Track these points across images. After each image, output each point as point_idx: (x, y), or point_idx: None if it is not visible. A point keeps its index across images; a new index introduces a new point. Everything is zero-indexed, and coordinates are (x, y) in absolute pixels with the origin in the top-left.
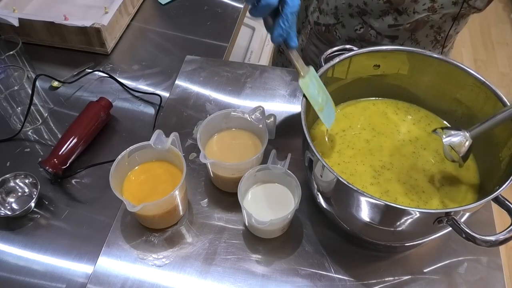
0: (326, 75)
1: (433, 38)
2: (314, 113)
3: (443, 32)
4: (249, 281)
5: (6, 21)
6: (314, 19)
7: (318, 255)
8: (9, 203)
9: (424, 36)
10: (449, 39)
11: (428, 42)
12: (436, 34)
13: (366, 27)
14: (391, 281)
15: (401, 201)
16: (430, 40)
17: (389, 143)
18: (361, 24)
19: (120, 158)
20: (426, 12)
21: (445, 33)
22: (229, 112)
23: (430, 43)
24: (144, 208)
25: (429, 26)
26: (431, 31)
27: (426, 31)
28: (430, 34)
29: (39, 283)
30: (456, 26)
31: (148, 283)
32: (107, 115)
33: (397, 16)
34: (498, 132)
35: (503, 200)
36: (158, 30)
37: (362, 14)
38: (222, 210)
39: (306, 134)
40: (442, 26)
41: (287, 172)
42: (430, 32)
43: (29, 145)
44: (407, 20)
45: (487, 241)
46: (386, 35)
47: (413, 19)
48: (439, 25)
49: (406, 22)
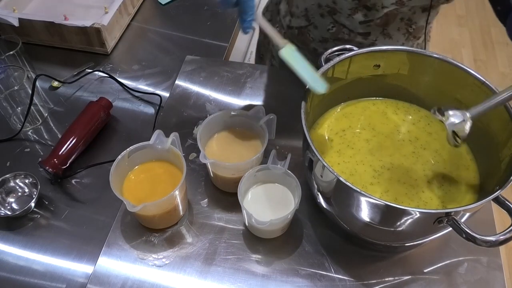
0: (326, 75)
1: (405, 31)
2: (314, 113)
3: (414, 24)
4: (249, 281)
5: (6, 21)
6: (286, 23)
7: (318, 255)
8: (9, 203)
9: (395, 29)
10: (421, 31)
11: (400, 35)
12: (407, 26)
13: (338, 26)
14: (391, 281)
15: (401, 201)
16: (403, 33)
17: (389, 143)
18: (333, 24)
19: (120, 158)
20: (394, 6)
21: (416, 25)
22: (229, 112)
23: (402, 36)
24: (144, 208)
25: (400, 18)
26: (402, 24)
27: (397, 24)
28: (402, 27)
29: (39, 283)
30: (427, 17)
31: (148, 283)
32: (107, 115)
33: (366, 12)
34: (498, 132)
35: (503, 200)
36: (158, 30)
37: (333, 14)
38: (222, 210)
39: (306, 134)
40: (413, 17)
41: (287, 172)
42: (401, 25)
43: (29, 145)
44: (377, 15)
45: (487, 241)
46: (358, 33)
47: (382, 13)
48: (409, 17)
49: (376, 17)
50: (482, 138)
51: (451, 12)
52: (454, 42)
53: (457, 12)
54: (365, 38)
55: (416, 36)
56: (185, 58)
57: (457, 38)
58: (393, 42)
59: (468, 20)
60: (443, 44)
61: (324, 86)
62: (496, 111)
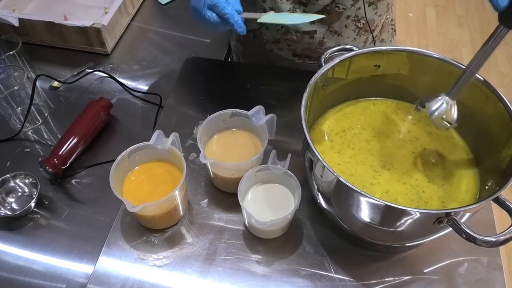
0: (326, 75)
1: (355, 27)
2: (314, 113)
3: (362, 19)
4: (249, 281)
5: (6, 21)
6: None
7: (318, 255)
8: (9, 203)
9: (343, 27)
10: (372, 24)
11: (350, 31)
12: (355, 22)
13: (285, 28)
14: (391, 281)
15: (401, 201)
16: (352, 29)
17: (389, 143)
18: (280, 26)
19: (120, 158)
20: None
21: (366, 19)
22: (229, 112)
23: (353, 32)
24: (144, 209)
25: (345, 16)
26: (348, 21)
27: (343, 21)
28: (349, 24)
29: (39, 283)
30: (375, 10)
31: (148, 283)
32: (107, 115)
33: (304, 8)
34: (498, 132)
35: (503, 200)
36: (158, 30)
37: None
38: (222, 210)
39: (306, 134)
40: (358, 13)
41: (287, 172)
42: (348, 22)
43: (29, 145)
44: (315, 9)
45: (487, 242)
46: (304, 32)
47: (321, 7)
48: (355, 13)
49: (315, 11)
50: (482, 138)
51: (451, 12)
52: (454, 42)
53: (457, 12)
54: (312, 37)
55: (368, 30)
56: (185, 58)
57: (457, 38)
58: (343, 39)
59: (468, 20)
60: (443, 44)
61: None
62: (496, 111)
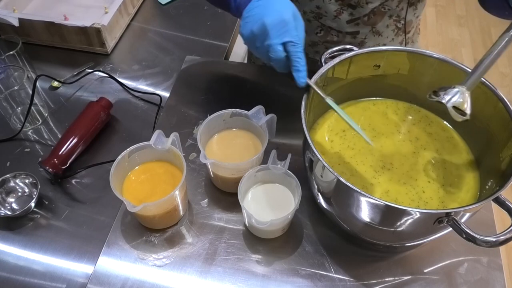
0: (326, 75)
1: (394, 27)
2: (314, 113)
3: (402, 20)
4: (249, 281)
5: (6, 21)
6: None
7: (318, 255)
8: (9, 203)
9: (385, 27)
10: (410, 25)
11: (390, 31)
12: (396, 22)
13: (325, 29)
14: (391, 281)
15: (401, 201)
16: (392, 29)
17: (389, 143)
18: (320, 27)
19: (120, 158)
20: (379, 1)
21: (405, 20)
22: (229, 112)
23: (392, 32)
24: (144, 208)
25: (388, 16)
26: (390, 21)
27: (385, 21)
28: (391, 24)
29: (39, 283)
30: (415, 11)
31: (148, 283)
32: (107, 115)
33: (352, 11)
34: (498, 132)
35: (503, 200)
36: (158, 30)
37: (318, 18)
38: (222, 210)
39: (307, 134)
40: (401, 13)
41: (287, 172)
42: (390, 22)
43: (29, 145)
44: (363, 12)
45: (488, 242)
46: (347, 32)
47: (369, 9)
48: (397, 13)
49: (362, 14)
50: (482, 138)
51: (451, 12)
52: (454, 42)
53: (457, 12)
54: (354, 37)
55: (406, 31)
56: (185, 58)
57: (457, 38)
58: (383, 39)
59: (468, 20)
60: (443, 44)
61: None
62: (496, 111)
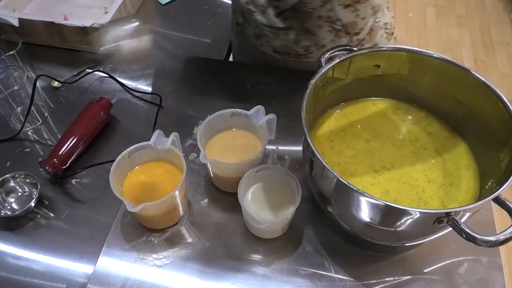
0: (326, 75)
1: (330, 28)
2: (314, 113)
3: (339, 21)
4: (249, 281)
5: (6, 21)
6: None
7: (318, 255)
8: (9, 203)
9: (315, 26)
10: (354, 26)
11: (326, 32)
12: (330, 23)
13: (262, 24)
14: (391, 281)
15: (401, 201)
16: (328, 31)
17: (389, 143)
18: (256, 24)
19: (120, 158)
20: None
21: (343, 21)
22: (229, 112)
23: (330, 33)
24: (144, 209)
25: (317, 17)
26: (321, 21)
27: (314, 21)
28: (323, 25)
29: (39, 283)
30: (356, 12)
31: (148, 283)
32: (107, 115)
33: (276, 4)
34: (498, 132)
35: (503, 200)
36: (158, 30)
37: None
38: (222, 210)
39: (306, 134)
40: (331, 14)
41: (287, 172)
42: (320, 22)
43: (29, 145)
44: (286, 6)
45: (487, 241)
46: (278, 28)
47: (290, 5)
48: (327, 14)
49: (287, 8)
50: (482, 138)
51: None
52: (454, 42)
53: (457, 12)
54: (287, 33)
55: (351, 33)
56: (185, 58)
57: (457, 38)
58: (319, 39)
59: (468, 20)
60: (443, 44)
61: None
62: (496, 111)
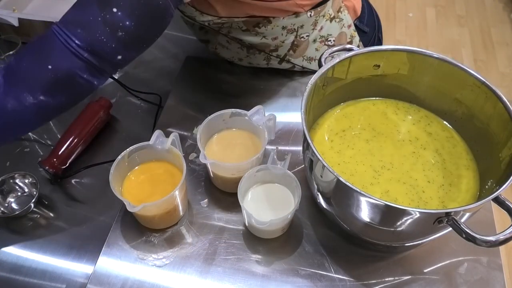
0: (326, 75)
1: (240, 45)
2: (314, 113)
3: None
4: (249, 281)
5: (6, 21)
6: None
7: (318, 255)
8: (9, 203)
9: (226, 42)
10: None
11: (237, 49)
12: (237, 42)
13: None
14: (391, 281)
15: (401, 201)
16: (238, 47)
17: (389, 143)
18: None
19: (120, 158)
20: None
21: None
22: (229, 112)
23: (240, 50)
24: (144, 209)
25: (223, 34)
26: (228, 39)
27: (223, 38)
28: (231, 42)
29: (39, 283)
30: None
31: (148, 283)
32: (107, 115)
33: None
34: (498, 132)
35: (503, 200)
36: None
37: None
38: (222, 210)
39: (306, 134)
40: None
41: (287, 172)
42: (228, 39)
43: (29, 145)
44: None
45: (487, 241)
46: (201, 40)
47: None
48: (227, 31)
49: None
50: (482, 138)
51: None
52: (454, 42)
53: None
54: (207, 45)
55: (265, 50)
56: (185, 58)
57: (457, 38)
58: (233, 53)
59: (468, 20)
60: (443, 44)
61: None
62: (496, 111)
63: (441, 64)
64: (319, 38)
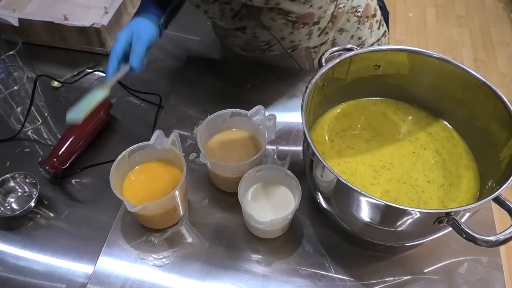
0: (326, 75)
1: (284, 20)
2: (314, 113)
3: (292, 13)
4: (249, 281)
5: (6, 21)
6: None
7: (318, 255)
8: (9, 203)
9: (269, 19)
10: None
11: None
12: (282, 15)
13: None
14: (391, 281)
15: (401, 201)
16: (283, 23)
17: (389, 143)
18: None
19: (120, 158)
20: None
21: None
22: (229, 112)
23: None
24: (144, 208)
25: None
26: (273, 14)
27: (267, 15)
28: (276, 18)
29: (39, 283)
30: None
31: (148, 283)
32: (107, 115)
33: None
34: (498, 132)
35: (503, 200)
36: None
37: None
38: (222, 210)
39: (307, 134)
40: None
41: (287, 172)
42: (273, 15)
43: (29, 145)
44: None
45: (488, 241)
46: (235, 28)
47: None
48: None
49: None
50: (482, 138)
51: (451, 12)
52: (454, 42)
53: (457, 12)
54: (244, 32)
55: (309, 23)
56: (185, 58)
57: (457, 38)
58: (276, 32)
59: (468, 20)
60: (443, 44)
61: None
62: (496, 111)
63: (441, 64)
64: (350, 9)
